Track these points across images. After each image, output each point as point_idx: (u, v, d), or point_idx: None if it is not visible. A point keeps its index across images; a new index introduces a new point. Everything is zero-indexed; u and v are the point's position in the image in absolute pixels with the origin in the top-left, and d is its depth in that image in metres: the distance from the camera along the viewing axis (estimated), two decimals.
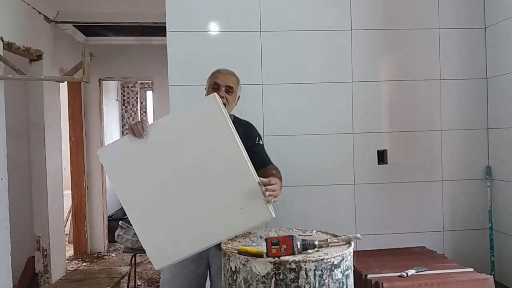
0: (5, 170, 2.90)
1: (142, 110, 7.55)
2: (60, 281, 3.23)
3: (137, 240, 3.62)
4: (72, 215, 5.16)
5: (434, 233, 2.85)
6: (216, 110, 1.77)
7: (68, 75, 2.90)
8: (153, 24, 4.29)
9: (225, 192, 1.76)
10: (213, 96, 1.80)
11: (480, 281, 2.15)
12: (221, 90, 2.04)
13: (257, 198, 1.72)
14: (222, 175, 1.76)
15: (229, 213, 1.75)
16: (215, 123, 1.78)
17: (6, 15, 3.13)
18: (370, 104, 2.82)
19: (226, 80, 2.07)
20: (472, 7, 2.88)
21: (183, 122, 1.83)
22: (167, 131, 1.82)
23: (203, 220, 1.77)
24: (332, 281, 1.55)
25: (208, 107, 1.79)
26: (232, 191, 1.75)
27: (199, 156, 1.79)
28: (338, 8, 2.79)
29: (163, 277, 2.10)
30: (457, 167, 2.87)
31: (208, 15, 2.71)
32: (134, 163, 1.83)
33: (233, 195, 1.75)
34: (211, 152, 1.78)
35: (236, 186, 1.75)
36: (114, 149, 1.91)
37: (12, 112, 3.33)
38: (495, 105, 2.84)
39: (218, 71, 2.13)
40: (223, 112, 1.77)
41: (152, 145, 1.82)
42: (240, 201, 1.74)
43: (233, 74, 2.14)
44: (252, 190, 1.73)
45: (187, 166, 1.79)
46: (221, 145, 1.77)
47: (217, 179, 1.77)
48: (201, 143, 1.79)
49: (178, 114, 1.99)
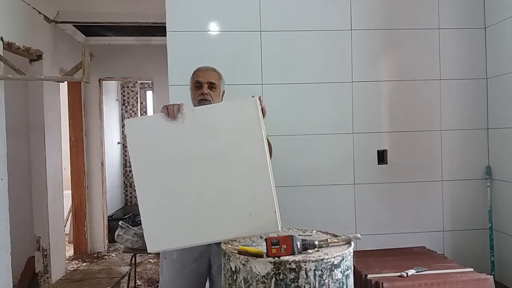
0: (5, 170, 2.90)
1: (142, 110, 7.55)
2: (60, 281, 3.23)
3: (137, 240, 3.62)
4: (72, 215, 5.16)
5: (434, 233, 2.85)
6: (254, 114, 1.76)
7: (68, 75, 2.90)
8: (153, 24, 4.28)
9: (239, 194, 1.75)
10: (254, 100, 1.77)
11: (480, 281, 2.15)
12: (203, 87, 2.05)
13: (268, 209, 1.72)
14: (241, 177, 1.76)
15: (237, 215, 1.74)
16: (249, 126, 1.77)
17: (6, 15, 3.13)
18: (370, 104, 2.82)
19: (207, 77, 2.08)
20: (472, 7, 2.88)
21: (218, 116, 1.81)
22: (200, 120, 1.81)
23: (209, 216, 1.76)
24: (332, 281, 1.55)
25: (247, 109, 1.78)
26: (246, 195, 1.75)
27: (223, 152, 1.77)
28: (338, 8, 2.79)
29: (163, 279, 2.08)
30: (457, 167, 2.87)
31: (208, 15, 2.71)
32: (158, 142, 1.81)
33: (246, 199, 1.74)
34: (237, 152, 1.77)
35: (251, 191, 1.74)
36: (143, 124, 1.89)
37: (12, 112, 3.33)
38: (495, 105, 2.84)
39: (198, 70, 2.14)
40: (260, 118, 1.76)
41: (181, 130, 1.80)
42: (251, 207, 1.73)
43: (213, 70, 2.14)
44: (266, 200, 1.73)
45: (208, 159, 1.77)
46: (249, 149, 1.76)
47: (235, 179, 1.76)
48: (229, 141, 1.78)
49: (215, 107, 1.95)
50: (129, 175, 7.38)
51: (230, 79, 2.53)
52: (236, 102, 1.82)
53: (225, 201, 1.76)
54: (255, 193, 1.74)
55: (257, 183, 1.74)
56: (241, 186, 1.75)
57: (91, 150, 5.26)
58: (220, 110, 1.84)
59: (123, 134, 7.32)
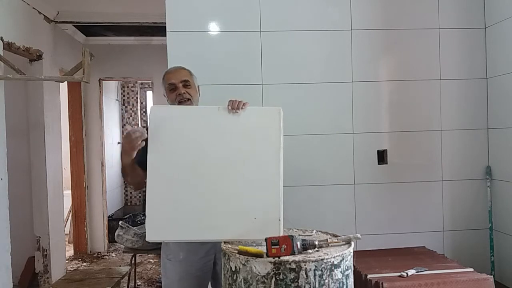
0: (5, 170, 2.90)
1: (142, 110, 7.55)
2: (60, 281, 3.23)
3: (137, 240, 3.62)
4: (72, 215, 5.16)
5: (434, 233, 2.85)
6: (276, 123, 1.83)
7: (68, 75, 2.90)
8: (153, 24, 4.29)
9: (248, 197, 1.79)
10: (278, 109, 1.84)
11: (480, 281, 2.15)
12: (178, 88, 2.01)
13: (273, 216, 1.76)
14: (252, 182, 1.80)
15: (242, 218, 1.77)
16: (269, 134, 1.83)
17: (6, 15, 3.13)
18: (370, 104, 2.82)
19: (179, 76, 2.04)
20: (472, 7, 2.88)
21: (240, 120, 1.85)
22: (222, 120, 1.84)
23: (215, 214, 1.78)
24: (332, 281, 1.55)
25: (270, 117, 1.84)
26: (254, 199, 1.78)
27: (239, 155, 1.82)
28: (338, 8, 2.79)
29: (168, 280, 2.03)
30: (457, 167, 2.87)
31: (208, 15, 2.71)
32: (178, 134, 1.84)
33: (253, 203, 1.78)
34: (252, 157, 1.82)
35: (259, 196, 1.78)
36: (167, 113, 1.90)
37: (12, 112, 3.32)
38: (495, 105, 2.84)
39: (168, 72, 2.10)
40: (281, 127, 1.82)
41: (203, 126, 1.84)
42: (257, 211, 1.77)
43: (182, 68, 2.10)
44: (273, 208, 1.77)
45: (223, 159, 1.81)
46: (264, 156, 1.82)
47: (246, 183, 1.80)
48: (247, 145, 1.83)
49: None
50: None
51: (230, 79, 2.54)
52: (261, 108, 1.89)
53: (232, 202, 1.79)
54: (263, 199, 1.78)
55: (266, 190, 1.79)
56: (250, 190, 1.79)
57: (91, 150, 5.26)
58: (244, 114, 1.86)
59: (123, 134, 7.32)
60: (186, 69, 2.11)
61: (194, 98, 2.04)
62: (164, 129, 1.83)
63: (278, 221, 1.76)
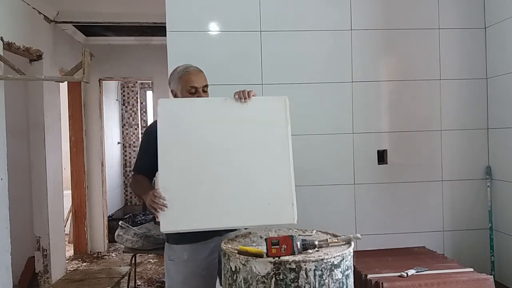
0: (5, 170, 2.90)
1: (142, 110, 7.55)
2: (60, 281, 3.23)
3: (137, 240, 3.62)
4: (72, 215, 5.16)
5: (434, 233, 2.85)
6: (282, 112, 1.88)
7: (68, 75, 2.90)
8: (153, 24, 4.29)
9: (260, 183, 1.83)
10: (284, 98, 1.90)
11: (480, 281, 2.15)
12: (199, 92, 2.01)
13: (286, 201, 1.79)
14: (263, 168, 1.84)
15: (256, 204, 1.81)
16: (276, 121, 1.88)
17: (6, 15, 3.13)
18: (370, 104, 2.82)
19: (201, 80, 2.04)
20: (472, 7, 2.88)
21: (247, 109, 1.88)
22: (230, 110, 1.88)
23: (228, 202, 1.81)
24: (332, 281, 1.55)
25: (276, 105, 1.90)
26: (267, 185, 1.83)
27: (249, 143, 1.86)
28: (338, 8, 2.79)
29: (172, 281, 2.01)
30: (457, 167, 2.87)
31: (208, 15, 2.71)
32: (187, 125, 1.87)
33: (266, 189, 1.82)
34: (262, 144, 1.86)
35: (272, 182, 1.83)
36: (175, 105, 1.95)
37: (12, 112, 3.32)
38: (495, 105, 2.84)
39: (189, 73, 2.05)
40: (288, 116, 1.87)
41: (211, 117, 1.88)
42: (271, 197, 1.81)
43: (201, 71, 2.09)
44: (285, 192, 1.81)
45: (233, 148, 1.85)
46: (274, 142, 1.87)
47: (258, 169, 1.84)
48: (256, 133, 1.87)
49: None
50: (129, 175, 7.38)
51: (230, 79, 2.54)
52: (267, 98, 1.95)
53: (245, 189, 1.82)
54: (275, 184, 1.83)
55: (278, 175, 1.83)
56: (262, 177, 1.83)
57: (91, 150, 5.26)
58: (251, 103, 1.90)
59: (123, 134, 7.32)
60: (202, 71, 2.10)
61: None
62: (173, 121, 1.86)
63: (291, 205, 1.80)
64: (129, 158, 7.39)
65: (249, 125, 1.87)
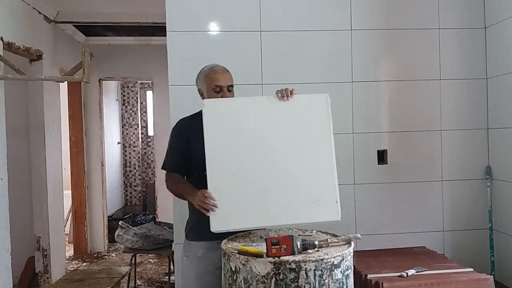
0: (5, 170, 2.90)
1: (142, 110, 7.55)
2: (60, 281, 3.23)
3: (137, 240, 3.62)
4: (72, 215, 5.16)
5: (434, 233, 2.85)
6: (324, 109, 1.90)
7: (68, 75, 2.90)
8: (153, 24, 4.29)
9: (305, 181, 1.85)
10: (325, 95, 1.92)
11: (480, 281, 2.15)
12: (224, 91, 2.03)
13: (331, 198, 1.84)
14: (308, 166, 1.87)
15: (301, 202, 1.83)
16: (320, 120, 1.90)
17: (6, 15, 3.13)
18: (370, 104, 2.82)
19: (226, 80, 2.06)
20: (472, 7, 2.88)
21: (290, 107, 1.90)
22: (274, 107, 1.91)
23: (275, 200, 1.83)
24: (332, 281, 1.55)
25: (318, 103, 1.92)
26: (312, 182, 1.85)
27: (292, 141, 1.88)
28: (338, 8, 2.78)
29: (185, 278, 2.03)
30: (457, 167, 2.87)
31: (208, 15, 2.71)
32: (232, 125, 1.89)
33: (310, 187, 1.85)
34: (306, 141, 1.89)
35: (316, 179, 1.86)
36: (221, 105, 1.95)
37: (12, 112, 3.32)
38: (495, 105, 2.84)
39: (214, 72, 2.07)
40: (329, 113, 1.90)
41: (255, 116, 1.91)
42: (315, 195, 1.84)
43: (227, 70, 2.11)
44: (329, 190, 1.84)
45: (278, 146, 1.88)
46: (316, 139, 1.89)
47: (302, 167, 1.86)
48: (300, 130, 1.89)
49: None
50: (129, 175, 7.39)
51: None
52: (309, 95, 1.95)
53: (290, 188, 1.84)
54: (320, 182, 1.85)
55: (322, 173, 1.86)
56: (306, 175, 1.86)
57: (91, 150, 5.26)
58: (293, 101, 1.91)
59: (123, 134, 7.32)
60: (228, 70, 2.12)
61: None
62: (218, 121, 1.89)
63: (335, 203, 1.83)
64: (129, 158, 7.40)
65: (292, 123, 1.90)
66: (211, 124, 1.87)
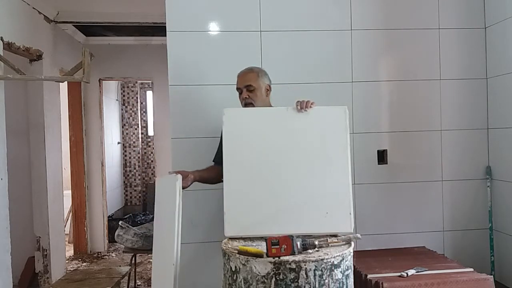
0: (5, 170, 2.90)
1: (142, 110, 7.55)
2: (60, 281, 3.23)
3: (137, 240, 3.62)
4: (72, 215, 5.16)
5: (434, 233, 2.85)
6: (342, 121, 1.94)
7: (68, 75, 2.90)
8: (153, 24, 4.29)
9: (320, 192, 1.88)
10: (344, 108, 1.95)
11: (480, 281, 2.15)
12: (243, 92, 2.21)
13: (344, 210, 1.87)
14: (323, 177, 1.90)
15: (315, 212, 1.86)
16: (337, 132, 1.93)
17: (6, 15, 3.13)
18: (370, 104, 2.82)
19: (243, 81, 2.22)
20: (472, 7, 2.88)
21: (309, 117, 1.94)
22: (293, 118, 1.95)
23: (289, 209, 1.86)
24: (332, 281, 1.55)
25: (336, 115, 1.95)
26: (326, 194, 1.88)
27: (309, 152, 1.92)
28: (338, 8, 2.78)
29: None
30: (457, 167, 2.87)
31: (208, 15, 2.71)
32: (251, 133, 1.95)
33: (325, 198, 1.88)
34: (322, 152, 1.92)
35: (331, 191, 1.89)
36: (240, 114, 2.02)
37: (12, 112, 3.32)
38: (495, 105, 2.84)
39: (237, 75, 2.26)
40: (347, 125, 1.93)
41: (273, 126, 1.95)
42: (329, 206, 1.87)
43: (250, 71, 2.25)
44: (343, 202, 1.87)
45: (296, 155, 1.91)
46: (333, 151, 1.92)
47: (318, 178, 1.90)
48: (317, 141, 1.93)
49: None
50: (129, 175, 7.39)
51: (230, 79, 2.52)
52: (327, 107, 1.98)
53: (305, 198, 1.87)
54: (334, 194, 1.88)
55: (337, 184, 1.89)
56: (322, 186, 1.89)
57: (91, 150, 5.26)
58: (312, 113, 1.96)
59: (123, 134, 7.32)
60: (255, 70, 2.25)
61: (257, 101, 2.19)
62: (237, 130, 1.94)
63: (349, 215, 1.86)
64: (129, 158, 7.40)
65: (309, 134, 1.94)
66: (230, 132, 1.94)
